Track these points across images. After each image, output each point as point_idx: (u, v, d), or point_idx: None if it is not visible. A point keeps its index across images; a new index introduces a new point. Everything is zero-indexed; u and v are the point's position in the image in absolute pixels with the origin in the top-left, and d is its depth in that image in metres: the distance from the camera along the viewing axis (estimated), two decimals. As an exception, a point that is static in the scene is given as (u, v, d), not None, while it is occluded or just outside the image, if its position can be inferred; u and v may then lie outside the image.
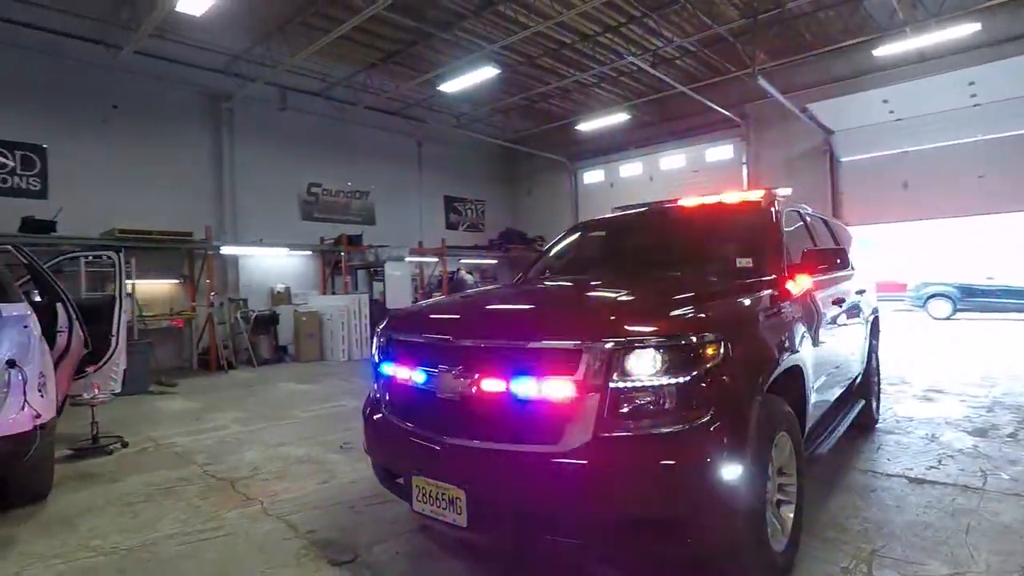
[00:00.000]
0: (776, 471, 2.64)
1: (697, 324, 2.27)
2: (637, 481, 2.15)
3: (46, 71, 9.91)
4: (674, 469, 2.13)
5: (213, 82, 11.85)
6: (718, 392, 2.23)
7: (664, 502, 2.14)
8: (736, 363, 2.32)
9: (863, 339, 4.63)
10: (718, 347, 2.26)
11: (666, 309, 2.37)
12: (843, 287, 4.15)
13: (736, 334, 2.39)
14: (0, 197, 9.52)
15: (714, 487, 2.14)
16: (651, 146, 15.06)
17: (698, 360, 2.21)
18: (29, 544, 3.34)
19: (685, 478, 2.13)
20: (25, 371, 3.38)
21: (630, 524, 2.16)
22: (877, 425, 5.19)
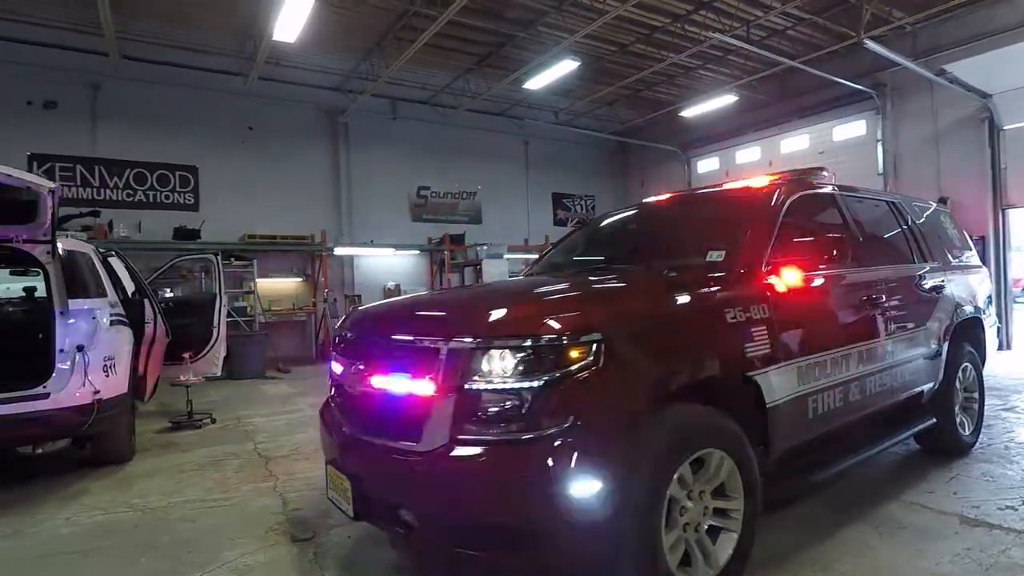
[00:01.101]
0: (700, 493, 2.34)
1: (561, 324, 2.10)
2: (483, 488, 2.06)
3: (197, 103, 11.70)
4: (519, 478, 2.01)
5: (329, 99, 13.10)
6: (582, 399, 2.04)
7: (506, 512, 2.03)
8: (618, 368, 2.10)
9: (932, 346, 3.83)
10: (588, 350, 2.06)
11: (535, 308, 2.22)
12: (880, 283, 3.48)
13: (624, 336, 2.17)
14: (163, 211, 11.48)
15: (562, 501, 1.97)
16: (770, 128, 13.64)
17: (559, 363, 2.04)
18: (92, 496, 4.04)
19: (530, 489, 1.99)
20: (89, 355, 4.09)
21: (477, 530, 2.07)
22: (973, 450, 4.28)
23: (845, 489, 3.63)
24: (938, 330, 3.94)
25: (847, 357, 3.09)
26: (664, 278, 2.76)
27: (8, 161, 10.40)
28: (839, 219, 3.53)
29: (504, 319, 2.17)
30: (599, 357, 2.06)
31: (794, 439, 2.83)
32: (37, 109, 10.59)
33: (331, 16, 9.71)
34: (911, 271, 3.91)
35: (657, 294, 2.50)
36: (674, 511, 2.25)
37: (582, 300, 2.34)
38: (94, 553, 3.15)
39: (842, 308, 3.21)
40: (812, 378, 2.85)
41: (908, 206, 4.35)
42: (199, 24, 10.19)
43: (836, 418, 3.06)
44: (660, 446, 2.15)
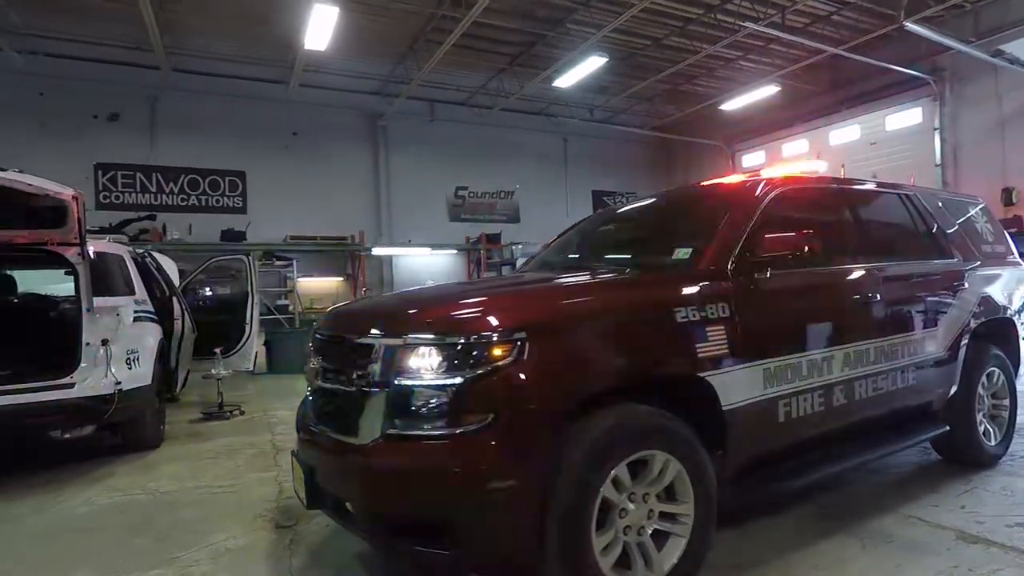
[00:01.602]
0: (644, 495, 2.29)
1: (483, 323, 2.11)
2: (409, 481, 2.10)
3: (245, 111, 12.34)
4: (440, 473, 2.03)
5: (369, 104, 13.50)
6: (503, 396, 2.05)
7: (429, 506, 2.06)
8: (541, 367, 2.09)
9: (944, 349, 3.57)
10: (510, 348, 2.07)
11: (462, 308, 2.23)
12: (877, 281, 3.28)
13: (550, 335, 2.15)
14: (213, 214, 12.18)
15: (480, 496, 1.98)
16: (818, 119, 13.02)
17: (480, 361, 2.06)
18: (115, 479, 4.36)
19: (450, 484, 2.01)
20: (112, 348, 4.41)
21: (405, 524, 2.11)
22: (1000, 462, 3.96)
23: (843, 498, 3.45)
24: (953, 331, 3.66)
25: (830, 359, 2.93)
26: (617, 277, 2.71)
27: (76, 170, 11.34)
28: (833, 214, 3.36)
29: (430, 318, 2.20)
30: (521, 355, 2.06)
31: (761, 445, 2.71)
32: (102, 122, 11.48)
33: (364, 23, 10.01)
34: (920, 267, 3.65)
35: (596, 293, 2.46)
36: (612, 512, 2.22)
37: (511, 299, 2.34)
38: (98, 531, 3.41)
39: (826, 307, 3.05)
40: (783, 381, 2.73)
41: (926, 199, 4.07)
42: (243, 37, 10.74)
43: (816, 424, 2.91)
44: (589, 445, 2.12)
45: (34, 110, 10.88)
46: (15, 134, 10.65)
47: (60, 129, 11.03)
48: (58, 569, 2.93)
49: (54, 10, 9.62)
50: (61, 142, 11.01)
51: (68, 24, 10.04)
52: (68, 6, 9.47)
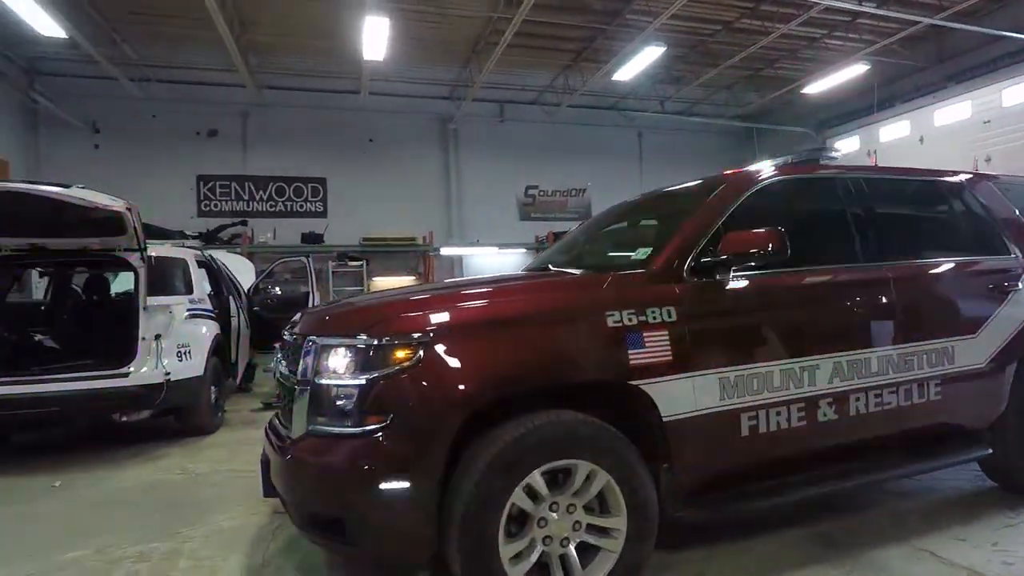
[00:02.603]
0: (569, 506, 2.22)
1: (386, 326, 2.14)
2: (317, 478, 2.18)
3: (325, 121, 13.20)
4: (342, 471, 2.10)
5: (439, 108, 13.92)
6: (403, 398, 2.08)
7: (334, 503, 2.13)
8: (443, 370, 2.10)
9: (985, 361, 3.09)
10: (412, 351, 2.09)
11: (375, 311, 2.28)
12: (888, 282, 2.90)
13: (454, 339, 2.15)
14: (297, 218, 13.15)
15: (378, 497, 2.02)
16: (921, 97, 11.60)
17: (382, 363, 2.10)
18: (166, 460, 4.87)
19: (351, 482, 2.07)
20: (164, 343, 4.93)
21: (317, 518, 2.20)
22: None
23: (853, 523, 3.10)
24: (1002, 340, 3.16)
25: (812, 369, 2.65)
26: (551, 279, 2.63)
27: (180, 181, 12.64)
28: (837, 209, 3.02)
29: (343, 321, 2.27)
30: (422, 359, 2.07)
31: (721, 460, 2.52)
32: (203, 138, 12.78)
33: (424, 31, 10.35)
34: (955, 267, 3.19)
35: (514, 297, 2.40)
36: (529, 522, 2.17)
37: (421, 304, 2.34)
38: (131, 505, 3.84)
39: (809, 311, 2.76)
40: (748, 392, 2.51)
41: (978, 187, 3.53)
42: (315, 52, 11.46)
43: (797, 441, 2.65)
44: (498, 452, 2.09)
45: (148, 131, 12.34)
46: (135, 152, 12.16)
47: (169, 146, 12.43)
48: (85, 534, 3.33)
49: (161, 42, 10.86)
50: (171, 157, 12.41)
51: (172, 53, 11.28)
52: (171, 37, 10.64)
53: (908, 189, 3.40)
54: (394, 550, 2.11)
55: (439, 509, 2.05)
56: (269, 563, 2.92)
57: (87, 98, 11.76)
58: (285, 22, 9.95)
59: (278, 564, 2.90)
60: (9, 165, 10.93)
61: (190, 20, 9.46)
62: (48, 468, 4.64)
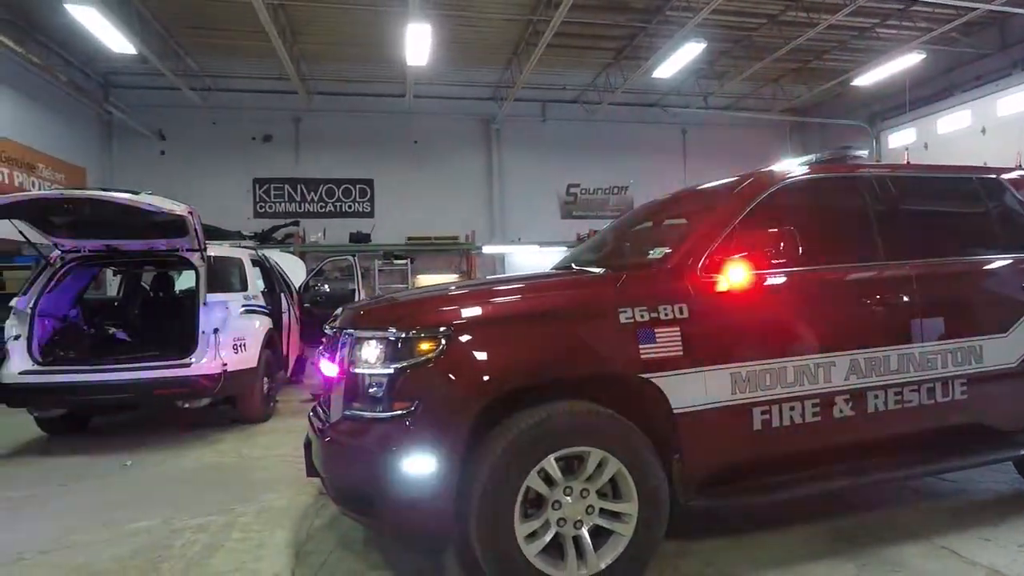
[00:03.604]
0: (583, 491, 2.36)
1: (413, 319, 2.34)
2: (351, 457, 2.40)
3: (373, 125, 13.67)
4: (371, 451, 2.31)
5: (482, 109, 14.17)
6: (427, 386, 2.27)
7: (366, 480, 2.34)
8: (465, 360, 2.29)
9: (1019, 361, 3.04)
10: (436, 343, 2.28)
11: (405, 306, 2.47)
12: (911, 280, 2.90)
13: (475, 332, 2.33)
14: (346, 219, 13.68)
15: (404, 475, 2.22)
16: (983, 86, 11.02)
17: (409, 353, 2.30)
18: (223, 444, 5.25)
19: (379, 461, 2.28)
20: (221, 336, 5.32)
21: (351, 494, 2.42)
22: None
23: (873, 519, 3.11)
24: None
25: (828, 366, 2.69)
26: (569, 277, 2.77)
27: (237, 184, 13.35)
28: (859, 208, 3.03)
29: (375, 315, 2.48)
30: (445, 351, 2.26)
31: (732, 453, 2.60)
32: (259, 143, 13.46)
33: (467, 34, 10.60)
34: (987, 264, 3.15)
35: (533, 293, 2.55)
36: (544, 504, 2.33)
37: (447, 300, 2.52)
38: (190, 483, 4.21)
39: (827, 309, 2.79)
40: (760, 387, 2.58)
41: (1020, 182, 3.45)
42: (363, 59, 11.89)
43: (811, 437, 2.70)
44: (514, 438, 2.26)
45: (209, 137, 13.11)
46: (196, 157, 12.96)
47: (228, 151, 13.17)
48: (152, 507, 3.69)
49: (219, 53, 11.53)
50: (229, 162, 13.15)
51: (230, 63, 11.96)
52: (228, 48, 11.29)
53: (937, 187, 3.36)
54: (417, 524, 2.30)
55: (461, 489, 2.23)
56: (313, 537, 3.18)
57: (154, 108, 12.61)
58: (333, 31, 10.40)
59: (320, 539, 3.15)
60: (86, 172, 11.86)
61: (245, 32, 10.02)
62: (121, 449, 5.10)
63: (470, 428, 2.25)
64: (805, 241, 2.86)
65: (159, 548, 3.11)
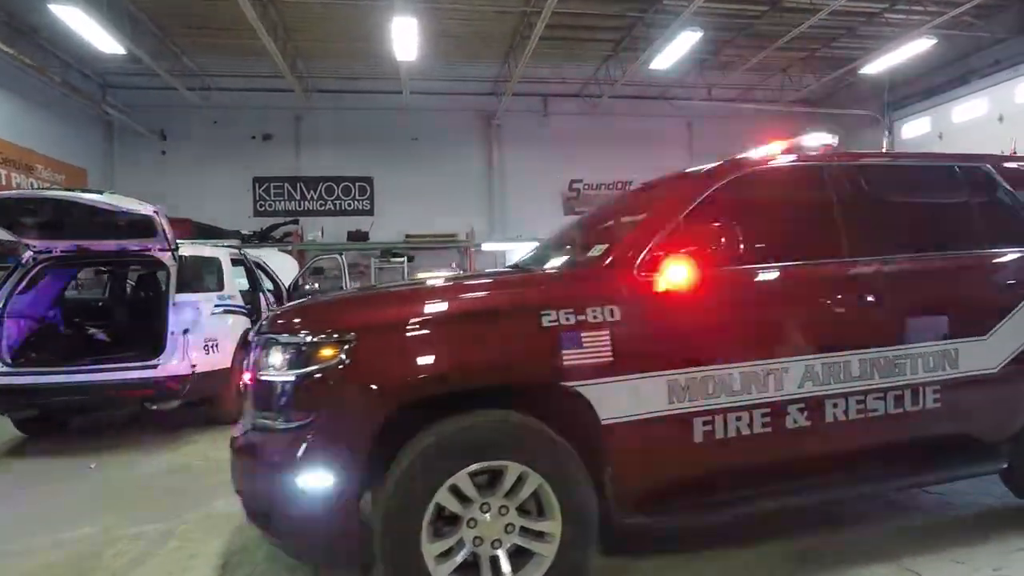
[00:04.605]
0: (501, 508, 2.19)
1: (316, 325, 2.20)
2: (252, 470, 2.26)
3: (372, 122, 13.56)
4: (263, 464, 2.18)
5: (482, 104, 13.99)
6: (328, 396, 2.13)
7: (264, 494, 2.20)
8: (369, 369, 2.14)
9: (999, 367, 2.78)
10: (338, 349, 2.13)
11: (312, 309, 2.33)
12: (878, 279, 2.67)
13: (381, 338, 2.18)
14: (345, 216, 13.62)
15: (301, 492, 2.08)
16: (1001, 71, 10.50)
17: (310, 360, 2.15)
18: (191, 447, 5.17)
19: (268, 475, 2.14)
20: (191, 337, 5.24)
21: (253, 508, 2.28)
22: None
23: (839, 538, 2.89)
24: (1017, 344, 2.84)
25: (780, 373, 2.48)
26: (490, 279, 2.60)
27: (238, 183, 13.35)
28: (821, 199, 2.80)
29: (283, 319, 2.33)
30: (346, 358, 2.10)
31: (668, 466, 2.41)
32: (259, 141, 13.46)
33: (458, 28, 10.42)
34: (962, 260, 2.89)
35: (452, 297, 2.38)
36: (459, 522, 2.16)
37: (357, 303, 2.37)
38: (147, 487, 4.13)
39: (779, 310, 2.58)
40: (701, 395, 2.38)
41: (1005, 170, 3.18)
42: (356, 55, 11.73)
43: (760, 449, 2.49)
44: (421, 451, 2.10)
45: (209, 136, 13.14)
46: (197, 156, 13.01)
47: (228, 150, 13.19)
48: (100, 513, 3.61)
49: (216, 52, 11.52)
50: (229, 161, 13.16)
51: (228, 62, 11.93)
52: (225, 48, 11.26)
53: (913, 176, 3.11)
54: (317, 546, 2.16)
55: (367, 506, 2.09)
56: (247, 548, 3.06)
57: (154, 108, 12.67)
58: (324, 27, 10.30)
59: (254, 549, 3.03)
60: (87, 173, 11.96)
61: (240, 31, 9.96)
62: (94, 451, 5.05)
63: (372, 441, 2.09)
64: (759, 236, 2.67)
65: (90, 557, 3.03)
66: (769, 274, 2.59)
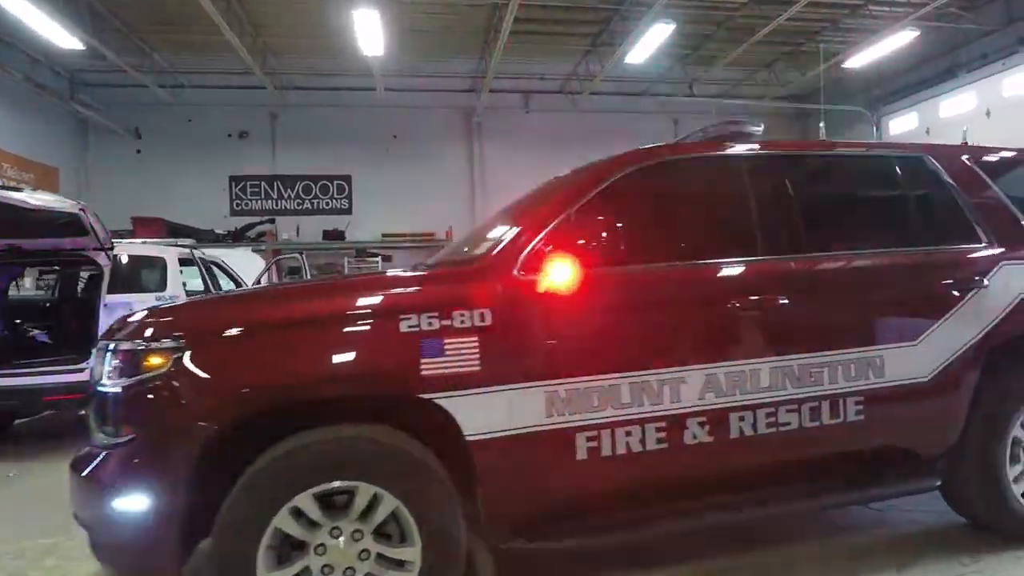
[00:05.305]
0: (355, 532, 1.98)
1: (142, 330, 1.99)
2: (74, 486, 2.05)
3: (350, 119, 13.34)
4: (85, 481, 1.98)
5: (461, 101, 13.77)
6: (153, 408, 1.93)
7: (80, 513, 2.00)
8: (198, 379, 1.92)
9: (930, 375, 2.55)
10: (166, 358, 1.92)
11: (148, 314, 2.11)
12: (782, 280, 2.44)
13: (215, 343, 1.97)
14: (323, 215, 13.41)
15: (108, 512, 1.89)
16: (989, 65, 10.22)
17: (136, 370, 1.94)
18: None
19: (86, 493, 1.95)
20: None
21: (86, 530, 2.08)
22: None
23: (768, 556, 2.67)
24: (954, 348, 2.60)
25: (675, 383, 2.25)
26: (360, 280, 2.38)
27: (214, 182, 13.15)
28: (733, 193, 2.57)
29: (121, 323, 2.13)
30: (174, 367, 1.89)
31: (548, 486, 2.18)
32: (235, 139, 13.27)
33: (427, 22, 10.21)
34: (889, 259, 2.65)
35: (299, 299, 2.17)
36: (308, 548, 1.95)
37: (207, 305, 2.16)
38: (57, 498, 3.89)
39: (676, 314, 2.34)
40: (584, 408, 2.16)
41: (950, 163, 2.94)
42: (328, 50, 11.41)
43: (655, 466, 2.26)
44: (256, 471, 1.89)
45: (185, 135, 12.95)
46: (173, 155, 12.83)
47: (204, 148, 13.00)
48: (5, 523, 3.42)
49: (188, 49, 11.31)
50: (205, 159, 12.98)
51: (200, 59, 11.72)
52: (195, 45, 11.04)
53: (844, 168, 2.88)
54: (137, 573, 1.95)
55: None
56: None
57: (129, 106, 12.49)
58: (291, 21, 10.09)
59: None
60: (58, 172, 11.79)
61: (207, 26, 9.74)
62: (22, 457, 4.87)
63: (198, 460, 1.88)
64: (660, 233, 2.46)
65: (-41, 577, 2.83)
66: (667, 274, 2.36)
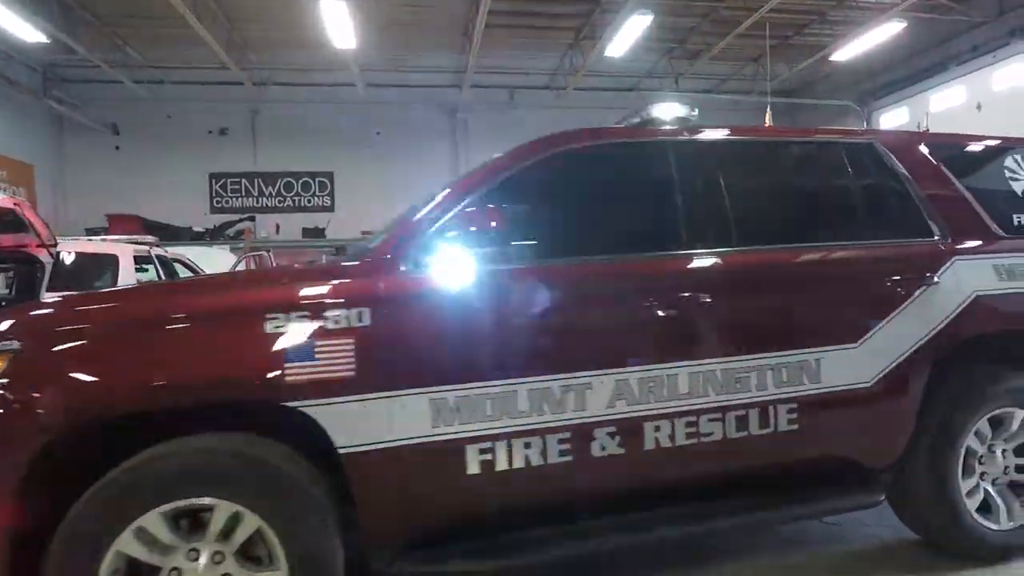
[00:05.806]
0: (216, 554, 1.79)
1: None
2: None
3: (333, 115, 13.15)
4: None
5: (445, 98, 13.56)
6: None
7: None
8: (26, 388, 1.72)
9: (873, 380, 2.34)
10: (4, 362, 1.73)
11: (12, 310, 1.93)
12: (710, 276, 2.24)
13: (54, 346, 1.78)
14: (304, 213, 13.22)
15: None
16: (981, 57, 9.97)
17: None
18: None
19: None
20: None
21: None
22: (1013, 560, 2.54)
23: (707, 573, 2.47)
24: (898, 352, 2.39)
25: (582, 390, 2.05)
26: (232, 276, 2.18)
27: (194, 179, 12.94)
28: (656, 183, 2.37)
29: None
30: (9, 369, 1.71)
31: (436, 503, 1.99)
32: (215, 136, 13.08)
33: (402, 15, 9.99)
34: (830, 254, 2.46)
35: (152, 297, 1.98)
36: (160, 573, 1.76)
37: (47, 305, 1.98)
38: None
39: (581, 313, 2.15)
40: (478, 416, 1.96)
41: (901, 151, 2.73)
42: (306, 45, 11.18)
43: (559, 480, 2.07)
44: (94, 489, 1.70)
45: (163, 131, 12.76)
46: (152, 152, 12.64)
47: (183, 145, 12.80)
48: None
49: (163, 44, 11.07)
50: (185, 156, 12.79)
51: (177, 54, 11.48)
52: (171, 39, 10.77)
53: (784, 156, 2.67)
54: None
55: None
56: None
57: (106, 102, 12.30)
58: (264, 15, 9.88)
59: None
60: (34, 169, 11.61)
61: (181, 20, 9.55)
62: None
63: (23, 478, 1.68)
64: (569, 225, 2.26)
65: None
66: (573, 270, 2.15)
